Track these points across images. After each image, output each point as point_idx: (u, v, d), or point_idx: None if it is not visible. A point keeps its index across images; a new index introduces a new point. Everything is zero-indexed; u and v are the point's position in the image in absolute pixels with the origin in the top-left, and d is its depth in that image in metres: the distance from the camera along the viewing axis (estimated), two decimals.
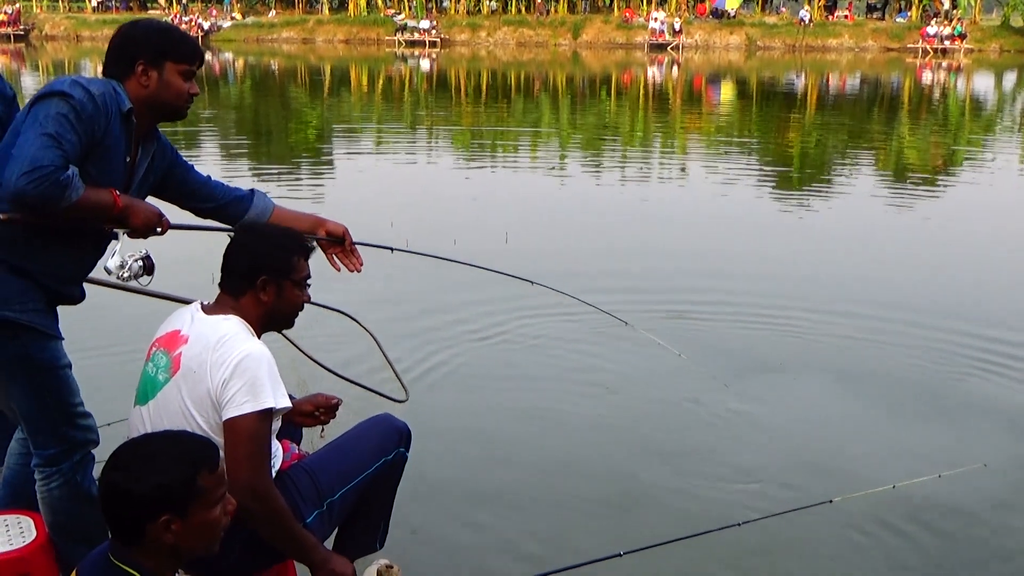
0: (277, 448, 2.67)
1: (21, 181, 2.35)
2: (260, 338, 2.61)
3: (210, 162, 13.38)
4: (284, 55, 43.22)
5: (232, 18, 53.71)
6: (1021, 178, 13.60)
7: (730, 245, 8.47)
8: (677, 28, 46.13)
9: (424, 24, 48.42)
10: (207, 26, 50.48)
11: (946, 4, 47.81)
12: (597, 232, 8.92)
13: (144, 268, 2.77)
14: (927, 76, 34.12)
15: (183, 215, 3.04)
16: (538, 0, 51.39)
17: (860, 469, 4.19)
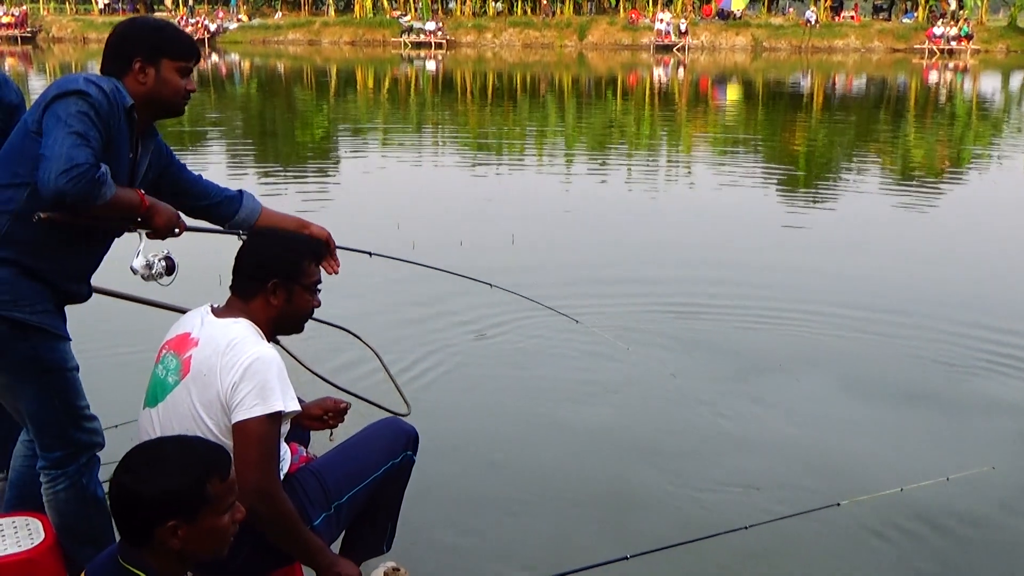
0: (285, 451, 2.68)
1: (60, 180, 2.37)
2: (269, 342, 2.62)
3: (216, 163, 13.42)
4: (290, 57, 43.29)
5: (238, 20, 53.84)
6: None
7: (734, 245, 8.45)
8: (683, 29, 46.11)
9: (430, 26, 48.48)
10: (213, 28, 50.63)
11: (952, 5, 47.76)
12: (600, 232, 8.90)
13: (167, 267, 2.79)
14: (933, 77, 34.03)
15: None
16: (544, 2, 51.42)
17: (867, 471, 4.17)
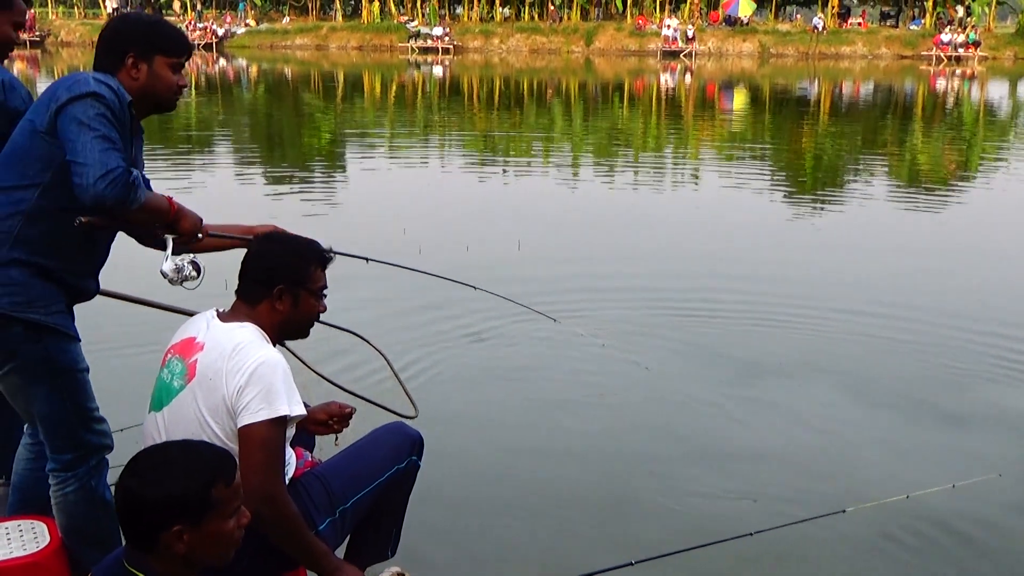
0: (290, 455, 2.68)
1: (99, 185, 2.39)
2: (275, 346, 2.63)
3: (224, 168, 13.45)
4: (297, 61, 43.41)
5: (246, 24, 53.98)
6: None
7: (740, 249, 8.45)
8: (690, 35, 46.10)
9: (437, 31, 48.54)
10: (221, 32, 50.77)
11: (960, 12, 47.67)
12: (605, 238, 8.89)
13: (195, 271, 2.81)
14: (941, 84, 33.98)
15: None
16: (551, 7, 51.48)
17: (872, 478, 4.16)
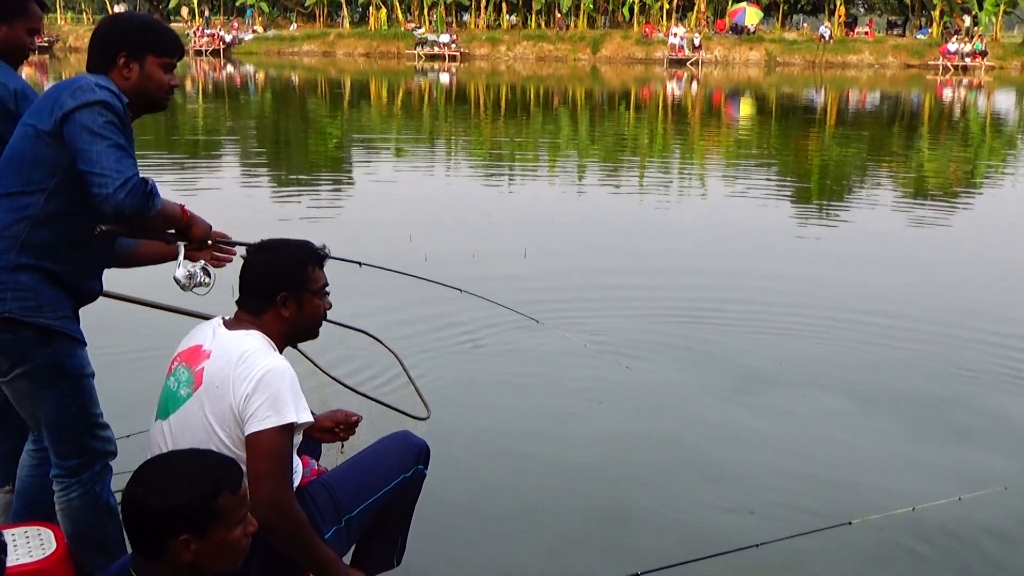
0: (297, 463, 2.68)
1: (119, 195, 2.42)
2: (282, 352, 2.63)
3: (230, 173, 13.49)
4: (305, 68, 43.53)
5: (254, 31, 54.20)
6: None
7: (745, 257, 8.44)
8: (697, 44, 46.17)
9: (444, 38, 48.66)
10: (229, 39, 50.99)
11: (967, 21, 47.68)
12: (612, 246, 8.88)
13: (206, 276, 2.83)
14: (947, 93, 33.95)
15: None
16: (558, 15, 51.57)
17: (877, 489, 4.14)
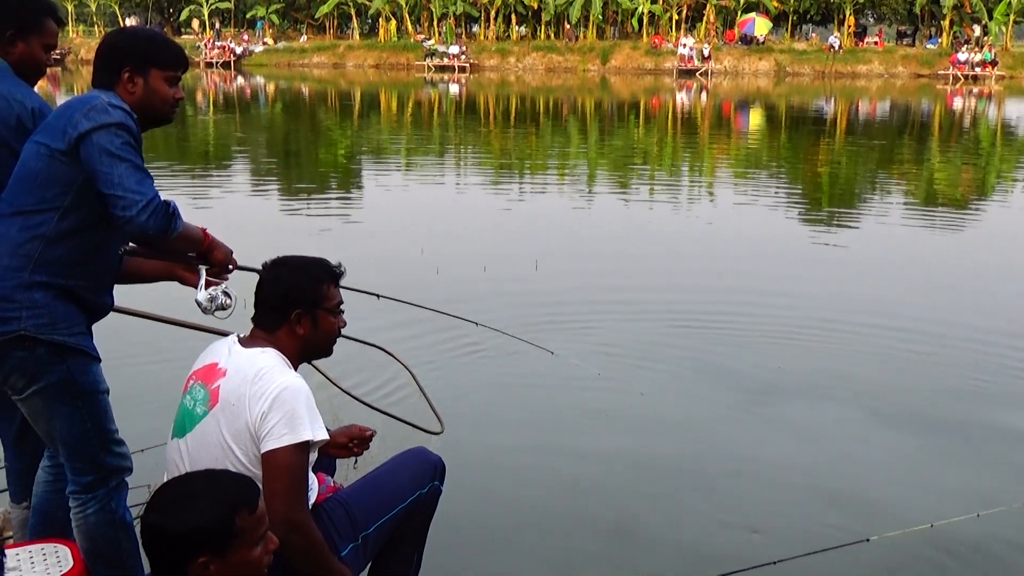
0: (312, 481, 2.67)
1: (142, 217, 2.43)
2: (296, 370, 2.63)
3: (240, 184, 13.53)
4: (315, 80, 43.69)
5: (264, 43, 54.44)
6: None
7: (755, 266, 8.43)
8: (706, 54, 46.20)
9: (453, 49, 48.81)
10: (239, 51, 51.22)
11: (977, 31, 47.58)
12: (621, 255, 8.87)
13: (228, 299, 2.83)
14: (958, 103, 33.87)
15: None
16: (567, 26, 51.68)
17: (895, 506, 4.11)
